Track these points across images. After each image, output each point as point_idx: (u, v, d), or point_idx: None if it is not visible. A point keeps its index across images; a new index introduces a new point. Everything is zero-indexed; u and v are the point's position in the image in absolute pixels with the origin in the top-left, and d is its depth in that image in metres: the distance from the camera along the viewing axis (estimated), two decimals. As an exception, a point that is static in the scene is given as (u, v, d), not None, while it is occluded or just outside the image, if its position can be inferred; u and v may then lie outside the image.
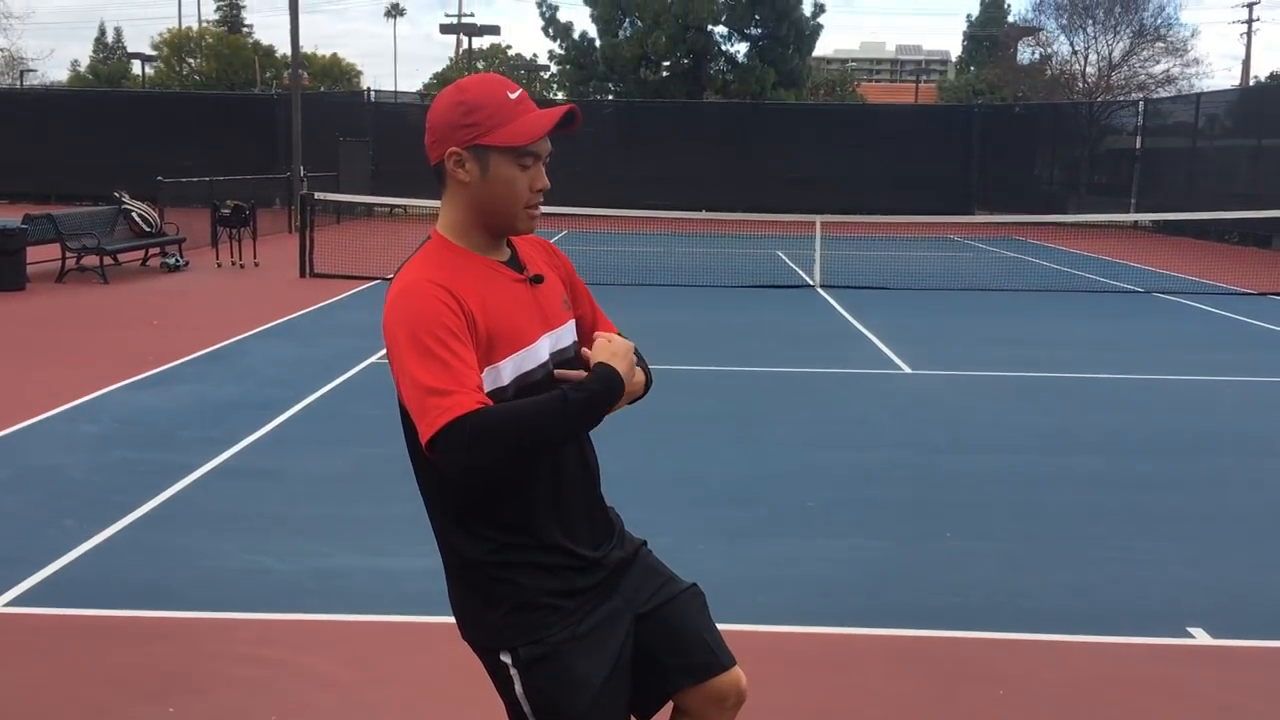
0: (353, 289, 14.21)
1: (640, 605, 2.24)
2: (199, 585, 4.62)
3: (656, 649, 2.24)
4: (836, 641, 4.26)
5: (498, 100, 2.05)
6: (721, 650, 2.30)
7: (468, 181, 2.07)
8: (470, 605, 2.16)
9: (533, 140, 2.05)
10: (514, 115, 2.05)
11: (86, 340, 10.36)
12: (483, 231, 2.12)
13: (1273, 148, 24.37)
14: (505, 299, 2.09)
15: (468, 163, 2.06)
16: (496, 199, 2.08)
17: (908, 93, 68.38)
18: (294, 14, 25.95)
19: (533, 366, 2.10)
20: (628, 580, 2.24)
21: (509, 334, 2.06)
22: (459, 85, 2.10)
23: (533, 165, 2.08)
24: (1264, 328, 12.31)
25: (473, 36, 56.12)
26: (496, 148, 2.04)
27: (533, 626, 2.10)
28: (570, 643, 2.10)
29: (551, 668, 2.09)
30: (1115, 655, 4.16)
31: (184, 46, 56.64)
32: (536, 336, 2.12)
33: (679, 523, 5.38)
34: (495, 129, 2.03)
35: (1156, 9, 37.55)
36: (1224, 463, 6.85)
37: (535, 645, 2.09)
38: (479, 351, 2.00)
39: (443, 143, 2.07)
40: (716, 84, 37.87)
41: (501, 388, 2.04)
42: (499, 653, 2.12)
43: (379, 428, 7.28)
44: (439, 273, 2.03)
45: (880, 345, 10.76)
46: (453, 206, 2.12)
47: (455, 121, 2.05)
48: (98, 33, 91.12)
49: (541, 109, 2.09)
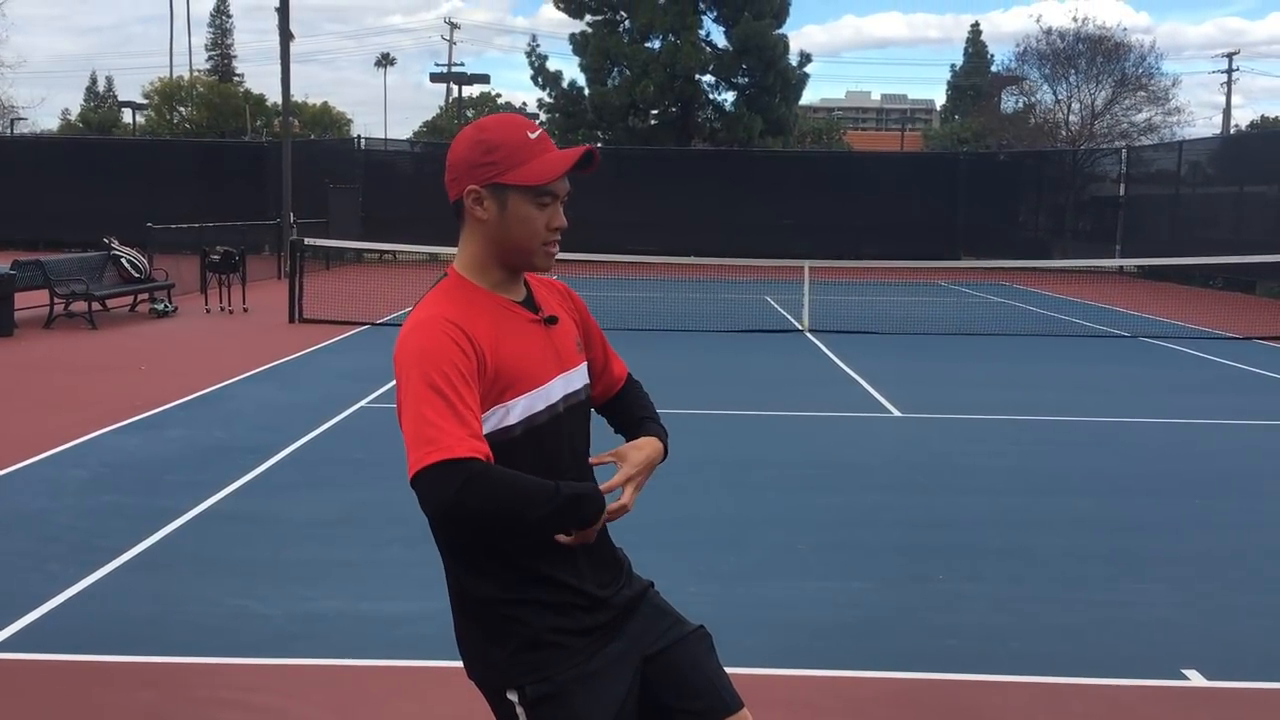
0: (342, 334, 14.22)
1: (648, 646, 2.22)
2: (186, 630, 4.58)
3: (663, 691, 2.21)
4: (828, 685, 4.23)
5: (517, 140, 2.07)
6: (729, 693, 2.27)
7: (486, 219, 2.09)
8: (477, 643, 2.14)
9: (550, 180, 2.07)
10: (533, 155, 2.07)
11: (74, 385, 10.33)
12: (500, 269, 2.14)
13: (1254, 194, 24.65)
14: (519, 338, 2.10)
15: (486, 200, 2.08)
16: (514, 237, 2.09)
17: (893, 141, 69.06)
18: (285, 63, 26.16)
19: (542, 407, 2.10)
20: (635, 621, 2.23)
21: (521, 373, 2.07)
22: (479, 124, 2.13)
23: (551, 204, 2.10)
24: (1249, 371, 12.38)
25: (462, 85, 56.66)
26: (515, 186, 2.06)
27: (540, 664, 2.08)
28: (577, 682, 2.09)
29: (558, 707, 2.07)
30: (1109, 698, 4.15)
31: (175, 95, 56.94)
32: (550, 377, 2.13)
33: (671, 565, 5.35)
34: (514, 168, 2.06)
35: (1138, 59, 38.11)
36: (1213, 505, 6.86)
37: (542, 684, 2.07)
38: (488, 390, 2.01)
39: (462, 180, 2.09)
40: (704, 132, 38.17)
41: (509, 426, 2.05)
42: (505, 691, 2.10)
43: (368, 472, 7.27)
44: (454, 310, 2.04)
45: (869, 389, 10.78)
46: (471, 244, 2.14)
47: (475, 160, 2.07)
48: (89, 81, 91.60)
49: (561, 149, 2.11)
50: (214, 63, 70.48)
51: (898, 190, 32.53)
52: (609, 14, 37.51)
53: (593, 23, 37.69)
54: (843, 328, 15.55)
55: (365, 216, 30.78)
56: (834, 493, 7.02)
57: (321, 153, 35.49)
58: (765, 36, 35.85)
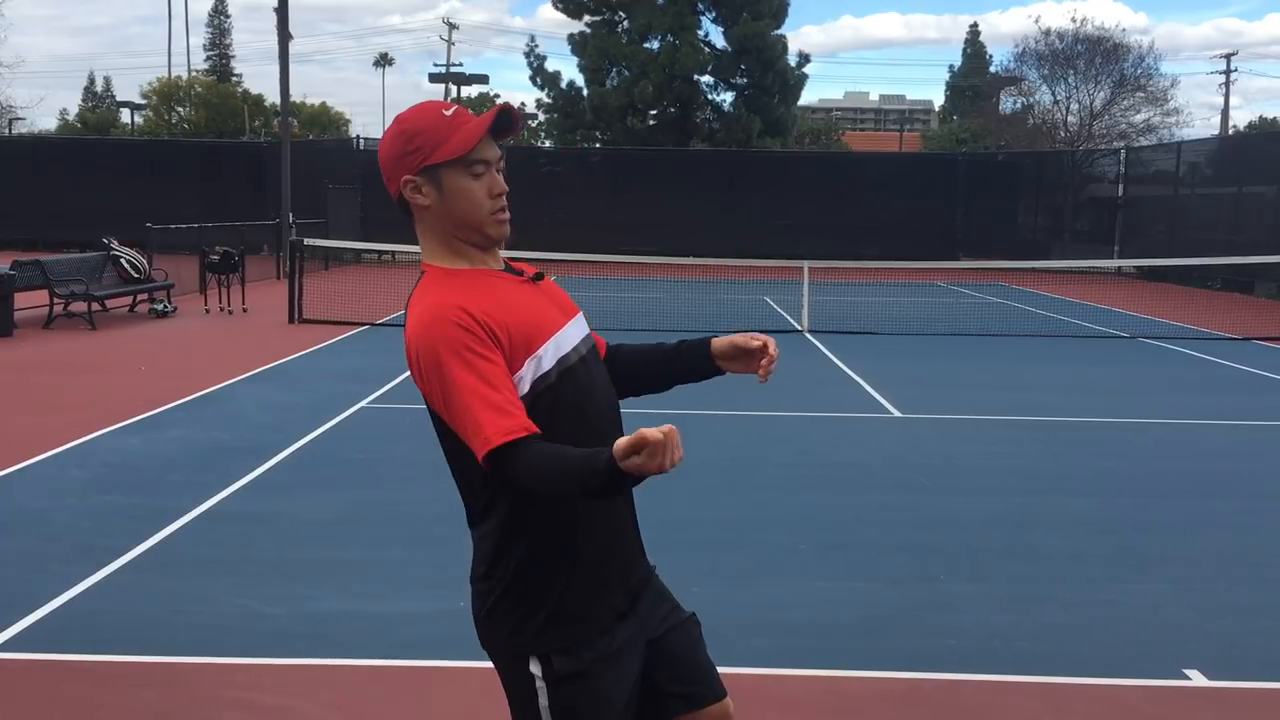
0: (342, 334, 14.22)
1: (652, 630, 2.27)
2: (189, 630, 4.58)
3: (658, 674, 2.27)
4: (831, 685, 4.24)
5: (433, 120, 2.11)
6: (716, 680, 2.36)
7: (429, 205, 2.13)
8: (502, 608, 2.12)
9: (472, 147, 2.09)
10: (452, 130, 2.09)
11: (74, 386, 10.33)
12: (464, 250, 2.17)
13: (1253, 195, 24.66)
14: (519, 299, 2.14)
15: (423, 186, 2.12)
16: (460, 212, 2.13)
17: (892, 141, 69.10)
18: (283, 63, 26.15)
19: (569, 349, 2.15)
20: (643, 602, 2.27)
21: (537, 326, 2.11)
22: (398, 118, 2.16)
23: (485, 172, 2.12)
24: (1248, 372, 12.39)
25: (461, 86, 56.66)
26: (444, 163, 2.10)
27: (570, 638, 2.10)
28: (602, 661, 2.11)
29: (583, 687, 2.09)
30: (1111, 698, 4.15)
31: (173, 95, 56.93)
32: (561, 324, 2.17)
33: (673, 565, 5.32)
34: (437, 147, 2.09)
35: (1136, 59, 38.16)
36: (1213, 505, 6.87)
37: (569, 659, 2.09)
38: (513, 350, 2.05)
39: (396, 175, 2.13)
40: (703, 132, 38.17)
41: (545, 373, 2.08)
42: (528, 661, 2.10)
43: (369, 472, 7.27)
44: (454, 295, 2.06)
45: (869, 390, 10.79)
46: (428, 235, 2.18)
47: (400, 151, 2.12)
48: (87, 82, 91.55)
49: (478, 116, 2.14)
50: (212, 63, 70.52)
51: (896, 191, 32.52)
52: (608, 14, 37.52)
53: (591, 23, 37.71)
54: (842, 328, 15.55)
55: (364, 217, 30.77)
56: (835, 493, 7.03)
57: (320, 153, 35.45)
58: (764, 37, 35.86)
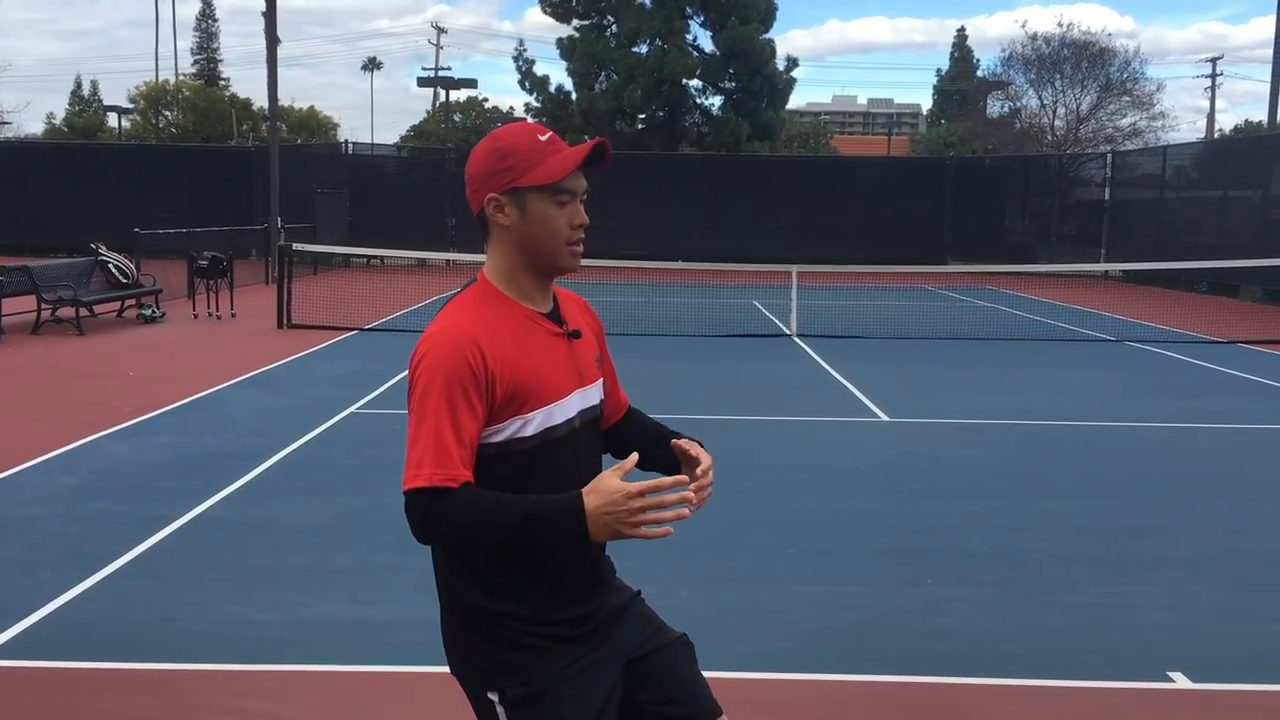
0: (330, 339, 14.21)
1: (632, 651, 2.27)
2: (179, 637, 4.59)
3: (644, 694, 2.26)
4: (819, 688, 4.27)
5: (528, 143, 2.12)
6: (708, 699, 2.33)
7: (508, 225, 2.13)
8: (460, 641, 2.19)
9: (563, 176, 2.10)
10: (546, 156, 2.10)
11: (62, 391, 10.30)
12: (528, 275, 2.17)
13: (1238, 199, 24.81)
14: (541, 352, 2.14)
15: (506, 206, 2.12)
16: (537, 238, 2.13)
17: (880, 145, 69.30)
18: (271, 67, 26.12)
19: (559, 421, 2.14)
20: (621, 627, 2.27)
21: (540, 387, 2.11)
22: (493, 135, 2.17)
23: (570, 202, 2.14)
24: (1234, 375, 12.47)
25: (449, 90, 56.58)
26: (532, 188, 2.10)
27: (521, 667, 2.12)
28: (560, 684, 2.12)
29: (539, 706, 2.11)
30: (1096, 700, 4.19)
31: (161, 99, 56.80)
32: (568, 391, 2.17)
33: (661, 570, 5.38)
34: (528, 170, 2.10)
35: (1122, 64, 38.32)
36: (1199, 508, 6.92)
37: (523, 686, 2.11)
38: (504, 403, 2.06)
39: (481, 190, 2.14)
40: (692, 136, 38.23)
41: (525, 437, 2.09)
42: (486, 690, 2.15)
43: (359, 478, 7.28)
44: (477, 324, 2.08)
45: (857, 393, 10.83)
46: (498, 252, 2.18)
47: (491, 168, 2.12)
48: (74, 86, 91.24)
49: (572, 147, 2.15)
50: (200, 67, 70.37)
51: (885, 194, 32.63)
52: (596, 18, 37.57)
53: (580, 27, 37.75)
54: (831, 332, 15.60)
55: (352, 221, 30.76)
56: (823, 497, 7.06)
57: (309, 157, 35.39)
58: (752, 41, 35.95)
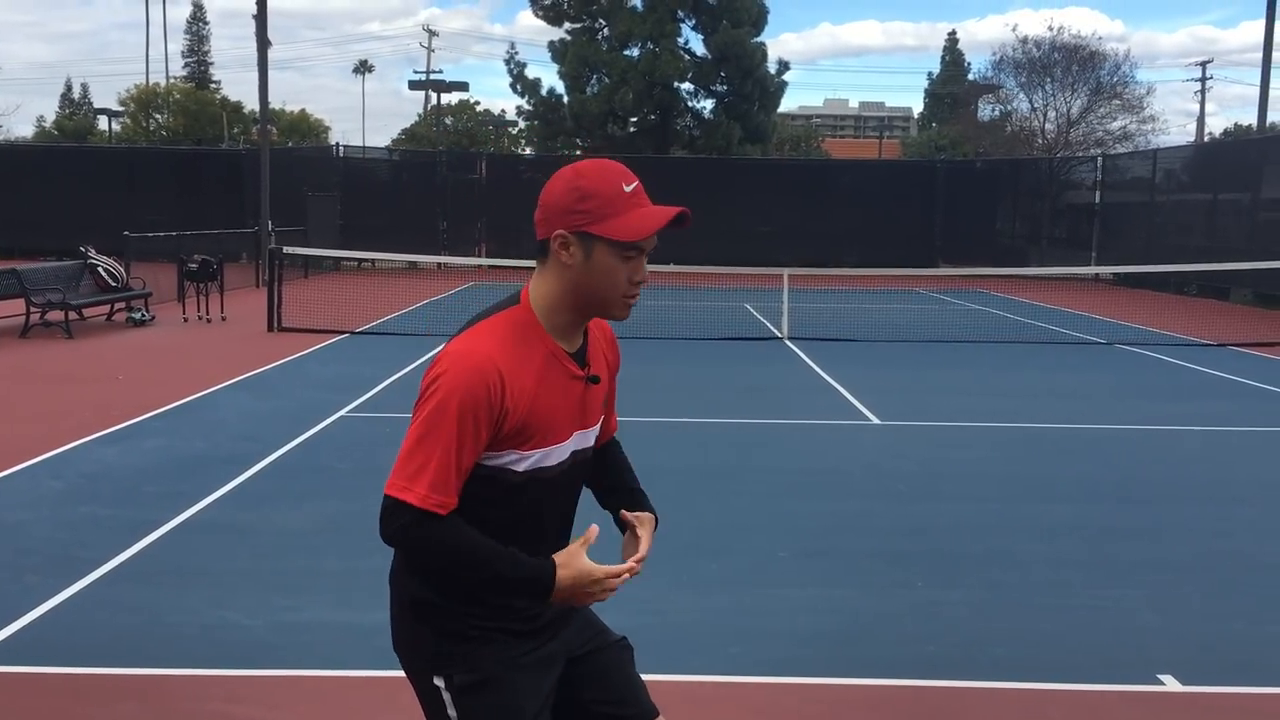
0: (321, 343, 14.17)
1: (575, 650, 2.31)
2: (167, 642, 4.56)
3: (588, 694, 2.31)
4: (809, 692, 4.26)
5: (611, 191, 2.05)
6: (647, 700, 2.38)
7: (570, 265, 2.08)
8: (410, 632, 2.21)
9: (641, 238, 2.06)
10: (626, 208, 2.05)
11: (51, 395, 10.26)
12: (570, 312, 2.13)
13: (1228, 202, 24.89)
14: (557, 394, 2.13)
15: (573, 247, 2.06)
16: (595, 287, 2.09)
17: (871, 148, 69.43)
18: (262, 70, 26.07)
19: (552, 463, 2.15)
20: (568, 629, 2.30)
21: (547, 428, 2.11)
22: (577, 169, 2.10)
23: (635, 258, 2.09)
24: (1223, 378, 12.50)
25: (441, 93, 56.56)
26: (603, 238, 2.05)
27: (468, 655, 2.14)
28: (510, 672, 2.15)
29: (485, 693, 2.13)
30: (1087, 703, 4.19)
31: (151, 102, 56.69)
32: (567, 435, 2.17)
33: (652, 574, 5.33)
34: (605, 219, 2.04)
35: (1113, 67, 38.45)
36: (1188, 511, 6.93)
37: (470, 673, 2.13)
38: (507, 435, 2.06)
39: (552, 222, 2.07)
40: (683, 139, 38.28)
41: (515, 470, 2.10)
42: (433, 675, 2.16)
43: (348, 481, 7.25)
44: (506, 356, 2.05)
45: (848, 396, 10.84)
46: (548, 282, 2.12)
47: (568, 206, 2.05)
48: (64, 88, 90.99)
49: (653, 205, 2.09)
50: (190, 69, 70.31)
51: (876, 198, 32.67)
52: (588, 21, 37.59)
53: (572, 30, 37.78)
54: (822, 335, 15.61)
55: (343, 224, 30.70)
56: (814, 500, 7.05)
57: (299, 160, 35.32)
58: (743, 45, 36.00)
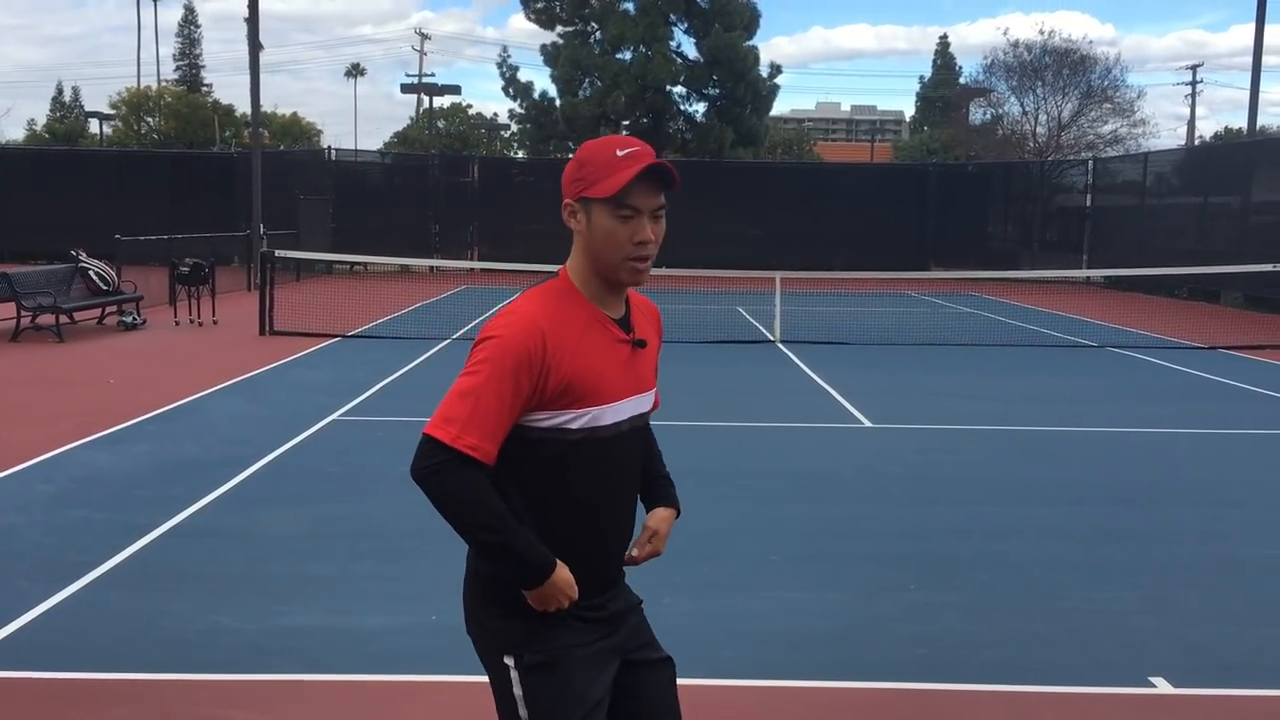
0: (313, 346, 14.15)
1: (630, 650, 2.35)
2: (159, 646, 4.55)
3: (629, 704, 2.35)
4: (801, 695, 4.26)
5: (604, 157, 2.20)
6: None
7: (581, 231, 2.24)
8: (480, 608, 2.27)
9: (613, 193, 2.16)
10: (613, 170, 2.17)
11: (42, 399, 10.23)
12: (597, 279, 2.25)
13: (1219, 205, 24.97)
14: (603, 355, 2.22)
15: (578, 213, 2.23)
16: (599, 249, 2.22)
17: (863, 152, 69.55)
18: (254, 73, 26.04)
19: (607, 423, 2.22)
20: (626, 626, 2.36)
21: (596, 388, 2.19)
22: (586, 143, 2.27)
23: (633, 218, 2.20)
24: (1214, 380, 12.54)
25: (433, 96, 56.58)
26: (595, 199, 2.19)
27: (536, 635, 2.20)
28: (576, 657, 2.20)
29: (553, 675, 2.19)
30: (1079, 706, 4.20)
31: (142, 105, 56.58)
32: (623, 396, 2.25)
33: (644, 577, 5.33)
34: (595, 183, 2.19)
35: (1104, 71, 38.58)
36: (1180, 513, 6.95)
37: (539, 654, 2.19)
38: (554, 396, 2.14)
39: (564, 194, 2.25)
40: (675, 143, 38.28)
41: (570, 429, 2.17)
42: (503, 655, 2.22)
43: (340, 486, 7.24)
44: (549, 315, 2.17)
45: (841, 400, 10.85)
46: (576, 253, 2.28)
47: (571, 175, 2.24)
48: (55, 92, 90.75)
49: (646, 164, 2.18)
50: (182, 73, 70.18)
51: (868, 201, 32.76)
52: (580, 25, 37.57)
53: (564, 34, 37.74)
54: (814, 338, 15.63)
55: (336, 228, 30.66)
56: (806, 503, 7.06)
57: (291, 163, 35.22)
58: (735, 48, 36.00)
